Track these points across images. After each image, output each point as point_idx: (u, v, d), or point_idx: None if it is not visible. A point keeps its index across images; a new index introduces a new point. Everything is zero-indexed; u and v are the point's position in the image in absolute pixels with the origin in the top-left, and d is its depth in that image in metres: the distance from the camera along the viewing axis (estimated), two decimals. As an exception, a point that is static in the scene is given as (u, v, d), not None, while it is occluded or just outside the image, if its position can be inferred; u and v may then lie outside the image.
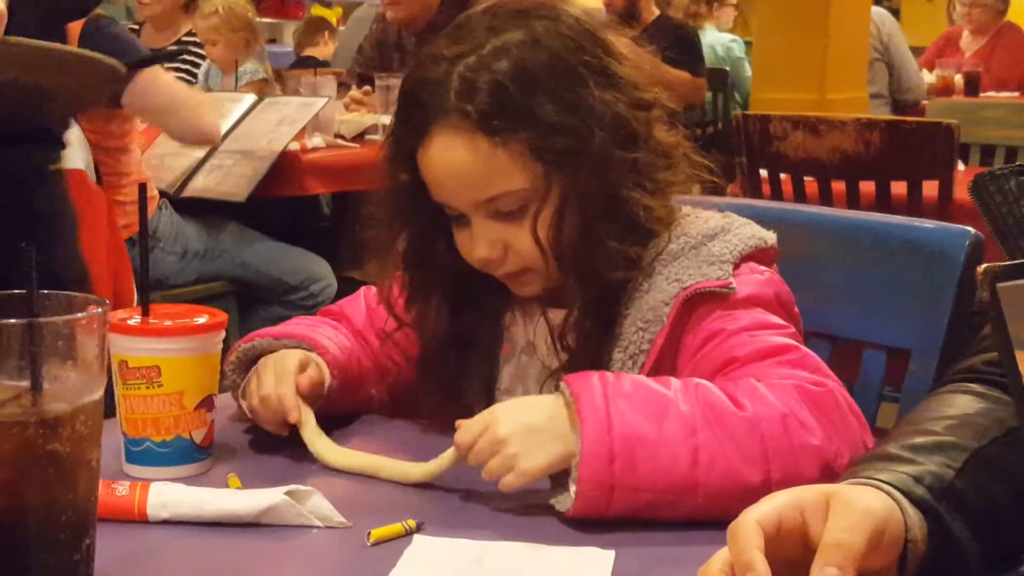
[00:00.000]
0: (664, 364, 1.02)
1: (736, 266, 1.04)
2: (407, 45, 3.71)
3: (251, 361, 1.11)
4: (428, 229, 1.08)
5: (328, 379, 1.09)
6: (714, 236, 1.05)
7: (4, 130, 1.30)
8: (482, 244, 1.04)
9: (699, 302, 1.02)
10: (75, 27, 2.67)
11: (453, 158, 1.01)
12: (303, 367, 1.06)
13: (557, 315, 1.08)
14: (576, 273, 1.04)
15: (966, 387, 0.86)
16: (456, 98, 1.00)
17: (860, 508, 0.69)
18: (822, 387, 0.94)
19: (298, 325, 1.16)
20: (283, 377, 1.04)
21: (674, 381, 0.94)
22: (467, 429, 0.93)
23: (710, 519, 0.86)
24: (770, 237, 1.08)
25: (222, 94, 3.56)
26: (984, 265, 0.52)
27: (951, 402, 0.85)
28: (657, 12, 4.90)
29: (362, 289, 1.22)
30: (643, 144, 1.05)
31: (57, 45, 1.14)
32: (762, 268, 1.06)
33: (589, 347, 1.04)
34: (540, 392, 1.07)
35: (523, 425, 0.92)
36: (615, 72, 1.05)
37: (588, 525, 0.89)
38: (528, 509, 0.92)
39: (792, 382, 0.94)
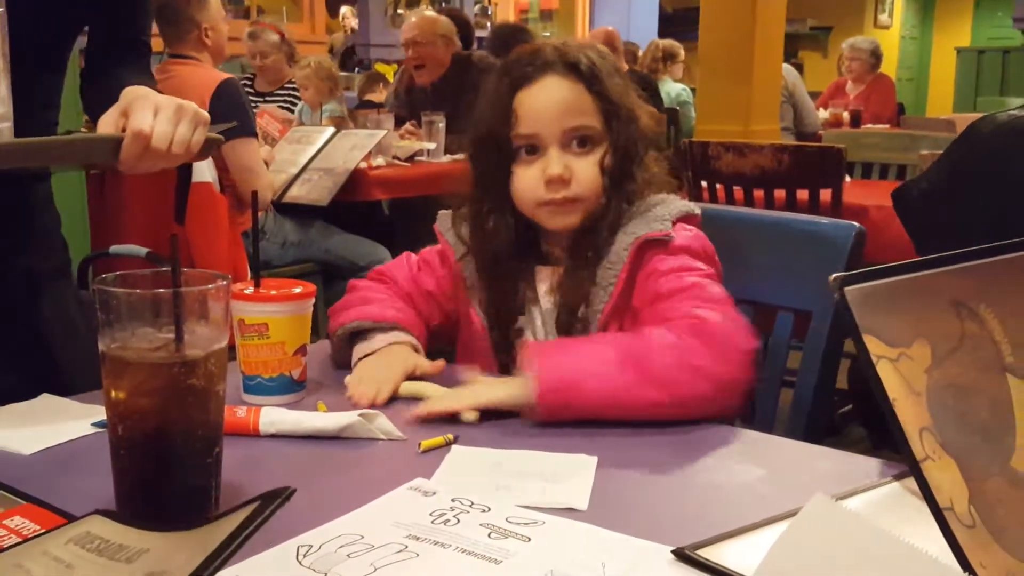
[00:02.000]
0: (623, 295, 1.04)
1: (673, 224, 1.06)
2: (429, 90, 3.74)
3: (356, 334, 1.08)
4: (504, 160, 1.08)
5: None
6: (657, 204, 1.09)
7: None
8: (558, 164, 1.06)
9: (647, 247, 1.05)
10: (210, 83, 2.64)
11: (560, 92, 1.06)
12: (406, 374, 1.02)
13: (558, 271, 1.09)
14: (613, 195, 1.07)
15: None
16: (565, 57, 1.07)
17: None
18: (704, 321, 0.95)
19: (383, 304, 1.10)
20: (387, 387, 1.00)
21: (605, 335, 0.99)
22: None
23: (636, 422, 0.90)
24: (697, 208, 1.11)
25: (311, 127, 3.55)
26: (835, 274, 0.52)
27: None
28: (627, 67, 4.88)
29: (403, 256, 1.20)
30: (646, 144, 1.11)
31: (47, 139, 0.96)
32: (690, 227, 1.08)
33: (578, 286, 1.06)
34: (544, 327, 1.10)
35: (478, 384, 0.97)
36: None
37: (577, 439, 0.89)
38: (534, 430, 0.92)
39: (684, 320, 0.95)
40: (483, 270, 1.11)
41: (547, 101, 1.06)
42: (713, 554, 0.64)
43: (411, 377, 1.03)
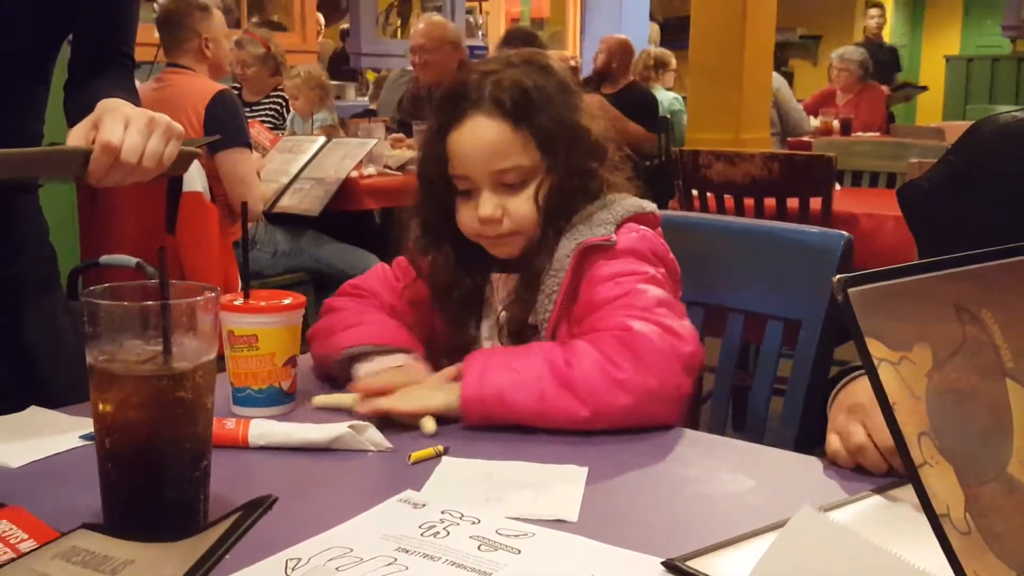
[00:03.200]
0: (569, 300, 1.03)
1: (618, 227, 1.05)
2: (434, 97, 3.72)
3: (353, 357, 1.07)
4: (444, 196, 1.07)
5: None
6: (602, 208, 1.07)
7: None
8: (488, 206, 1.04)
9: (588, 253, 1.03)
10: (205, 94, 2.63)
11: (484, 133, 1.03)
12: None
13: (513, 279, 1.09)
14: (552, 225, 1.05)
15: None
16: (490, 93, 1.04)
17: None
18: (628, 331, 0.94)
19: (383, 326, 1.09)
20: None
21: (534, 347, 0.98)
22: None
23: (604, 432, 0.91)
24: (649, 205, 1.09)
25: (302, 137, 3.55)
26: (839, 275, 0.52)
27: None
28: (631, 79, 4.90)
29: (378, 267, 1.19)
30: (599, 157, 1.09)
31: (9, 151, 0.91)
32: (640, 227, 1.06)
33: (528, 294, 1.06)
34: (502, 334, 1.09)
35: (417, 388, 0.98)
36: (591, 102, 1.11)
37: (567, 448, 0.89)
38: (523, 440, 0.92)
39: (608, 333, 0.95)
40: (437, 283, 1.11)
41: (473, 144, 1.03)
42: (703, 565, 0.64)
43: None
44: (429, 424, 0.94)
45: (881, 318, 0.51)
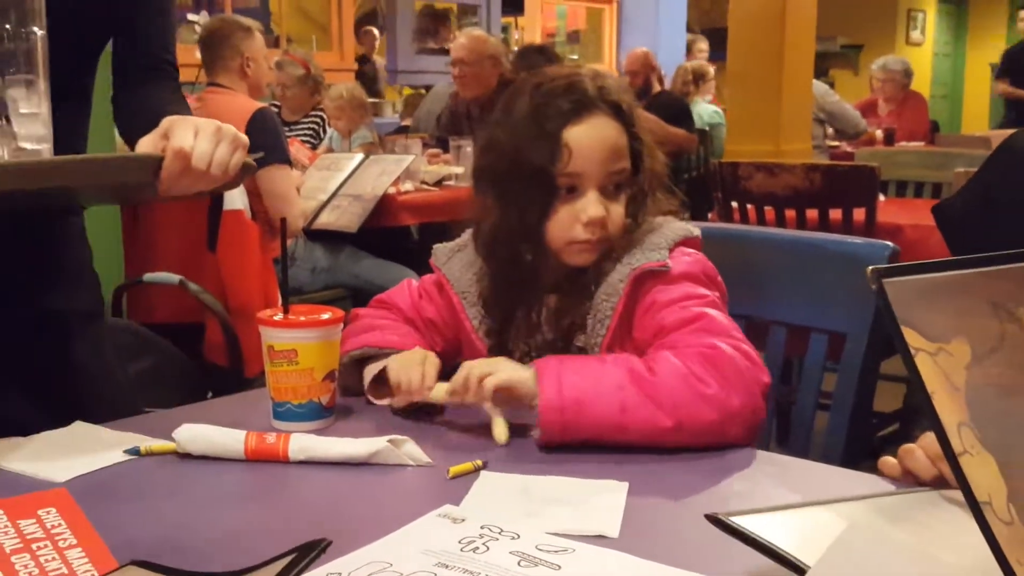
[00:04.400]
0: (622, 325, 1.03)
1: (671, 251, 1.04)
2: (473, 114, 3.74)
3: (361, 361, 1.08)
4: (536, 196, 1.05)
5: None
6: (653, 231, 1.07)
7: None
8: (598, 206, 1.04)
9: (645, 278, 1.03)
10: (245, 112, 2.68)
11: (607, 133, 1.04)
12: (438, 364, 1.03)
13: (553, 298, 1.08)
14: (624, 238, 1.06)
15: None
16: (607, 95, 1.05)
17: None
18: (715, 349, 0.94)
19: (385, 331, 1.10)
20: (430, 367, 1.01)
21: (609, 356, 0.97)
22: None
23: (645, 448, 0.90)
24: (695, 229, 1.09)
25: (340, 154, 3.59)
26: (872, 266, 0.52)
27: None
28: (660, 88, 4.91)
29: (405, 283, 1.19)
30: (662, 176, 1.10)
31: (84, 156, 0.94)
32: (690, 251, 1.06)
33: (575, 316, 1.05)
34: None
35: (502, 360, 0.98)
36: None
37: (607, 464, 0.88)
38: (561, 454, 0.91)
39: (693, 350, 0.94)
40: (492, 300, 1.10)
41: (595, 141, 1.03)
42: (748, 523, 0.63)
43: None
44: (501, 431, 0.93)
45: (918, 310, 0.51)
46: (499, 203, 1.07)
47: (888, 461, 0.83)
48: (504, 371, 0.95)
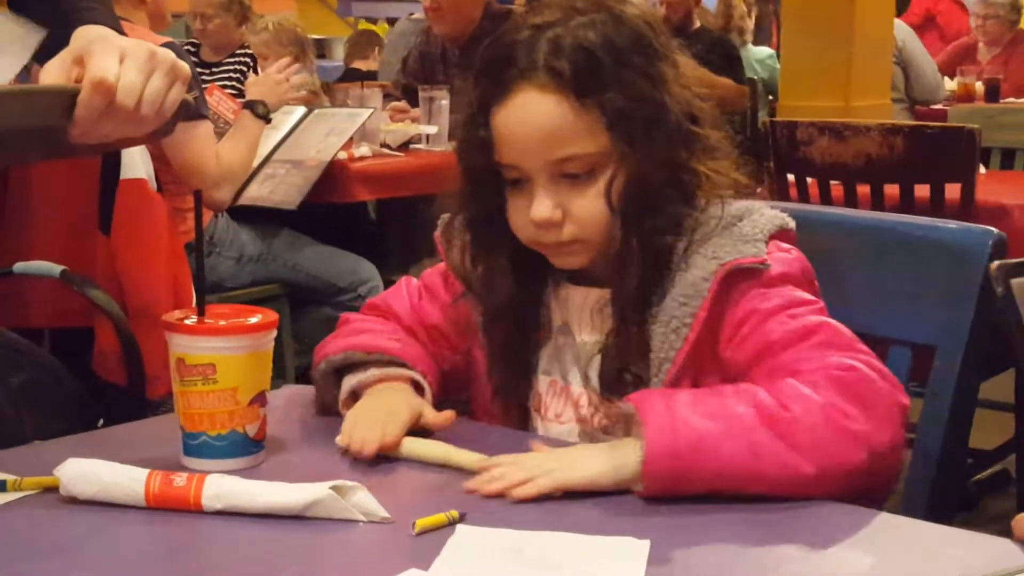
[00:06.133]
0: (705, 338, 1.02)
1: (765, 244, 1.04)
2: (451, 57, 3.72)
3: (340, 369, 1.09)
4: (492, 190, 1.07)
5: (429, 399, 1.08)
6: (741, 217, 1.06)
7: None
8: (545, 205, 1.03)
9: (737, 278, 1.02)
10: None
11: (538, 113, 1.02)
12: (413, 416, 1.03)
13: (593, 294, 1.08)
14: (637, 234, 1.04)
15: None
16: (546, 58, 1.02)
17: None
18: (851, 371, 0.95)
19: (377, 335, 1.11)
20: (394, 428, 1.01)
21: (726, 388, 0.96)
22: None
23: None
24: (791, 220, 1.09)
25: (274, 107, 3.58)
26: (998, 262, 0.51)
27: None
28: (699, 23, 4.92)
29: (402, 281, 1.20)
30: (704, 125, 1.08)
31: None
32: (787, 246, 1.07)
33: (632, 322, 1.04)
34: (580, 371, 1.09)
35: (568, 451, 0.97)
36: (679, 63, 1.09)
37: (624, 515, 0.88)
38: (566, 500, 0.91)
39: (825, 373, 0.94)
40: (488, 311, 1.10)
41: (523, 127, 1.02)
42: None
43: (412, 432, 1.02)
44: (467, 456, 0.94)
45: None
46: (462, 194, 1.09)
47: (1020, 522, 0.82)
48: (568, 469, 0.92)
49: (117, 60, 0.96)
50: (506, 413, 1.11)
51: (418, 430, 1.03)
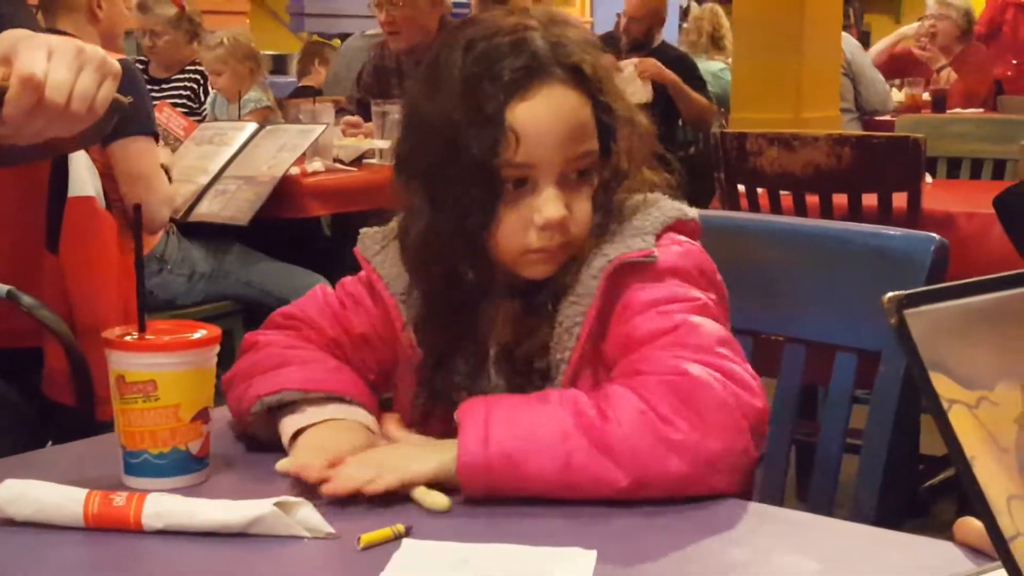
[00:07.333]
0: (597, 334, 1.02)
1: (658, 237, 1.04)
2: (406, 70, 3.71)
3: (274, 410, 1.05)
4: (479, 195, 1.01)
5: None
6: (637, 210, 1.06)
7: None
8: (557, 205, 1.01)
9: (624, 273, 1.02)
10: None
11: (567, 107, 1.02)
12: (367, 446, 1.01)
13: (513, 305, 1.07)
14: (594, 233, 1.04)
15: None
16: (563, 57, 1.02)
17: None
18: (684, 375, 0.93)
19: (306, 367, 1.07)
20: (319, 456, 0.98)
21: (553, 394, 0.97)
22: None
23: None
24: (691, 211, 1.08)
25: (224, 123, 3.56)
26: (890, 293, 0.52)
27: None
28: (660, 39, 4.96)
29: (317, 289, 1.16)
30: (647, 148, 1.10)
31: None
32: (682, 239, 1.06)
33: (538, 327, 1.04)
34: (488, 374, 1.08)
35: (405, 448, 0.99)
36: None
37: (572, 525, 0.88)
38: (513, 512, 0.91)
39: (657, 377, 0.93)
40: (425, 327, 1.08)
41: (550, 121, 1.01)
42: None
43: None
44: (436, 498, 0.92)
45: (952, 348, 0.51)
46: (429, 204, 1.04)
47: (967, 525, 0.82)
48: (405, 467, 0.93)
49: (45, 57, 0.95)
50: (426, 424, 1.09)
51: None
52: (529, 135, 1.00)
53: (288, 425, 1.03)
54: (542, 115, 1.01)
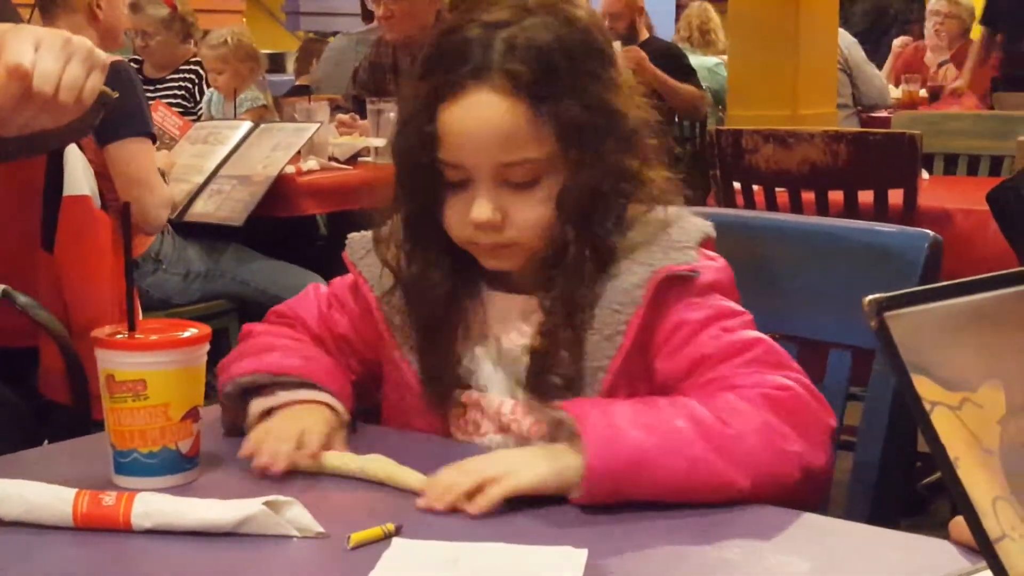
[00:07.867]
0: (638, 346, 1.02)
1: (695, 251, 1.04)
2: (402, 66, 3.71)
3: (247, 390, 1.06)
4: (428, 186, 1.05)
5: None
6: (670, 223, 1.06)
7: None
8: (485, 207, 1.01)
9: (669, 286, 1.02)
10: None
11: (492, 115, 1.00)
12: (330, 436, 1.02)
13: (519, 300, 1.07)
14: (578, 240, 1.03)
15: None
16: (502, 59, 1.00)
17: None
18: (786, 390, 0.96)
19: (286, 353, 1.08)
20: (311, 440, 1.00)
21: (661, 400, 0.97)
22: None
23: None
24: (711, 227, 1.08)
25: (220, 122, 3.55)
26: (871, 296, 0.52)
27: None
28: (647, 34, 4.95)
29: (310, 288, 1.18)
30: (646, 132, 1.07)
31: None
32: (712, 254, 1.06)
33: (563, 325, 1.03)
34: (505, 376, 1.07)
35: (507, 454, 0.97)
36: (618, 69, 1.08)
37: (562, 524, 0.88)
38: (504, 510, 0.90)
39: (760, 391, 0.95)
40: (414, 306, 1.08)
41: (476, 128, 1.00)
42: None
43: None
44: (409, 476, 0.92)
45: (934, 350, 0.52)
46: (397, 190, 1.07)
47: (962, 523, 0.81)
48: (515, 473, 0.91)
49: (32, 47, 0.96)
50: (427, 423, 1.09)
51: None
52: (455, 137, 1.02)
53: (255, 406, 1.04)
54: (467, 119, 1.01)
